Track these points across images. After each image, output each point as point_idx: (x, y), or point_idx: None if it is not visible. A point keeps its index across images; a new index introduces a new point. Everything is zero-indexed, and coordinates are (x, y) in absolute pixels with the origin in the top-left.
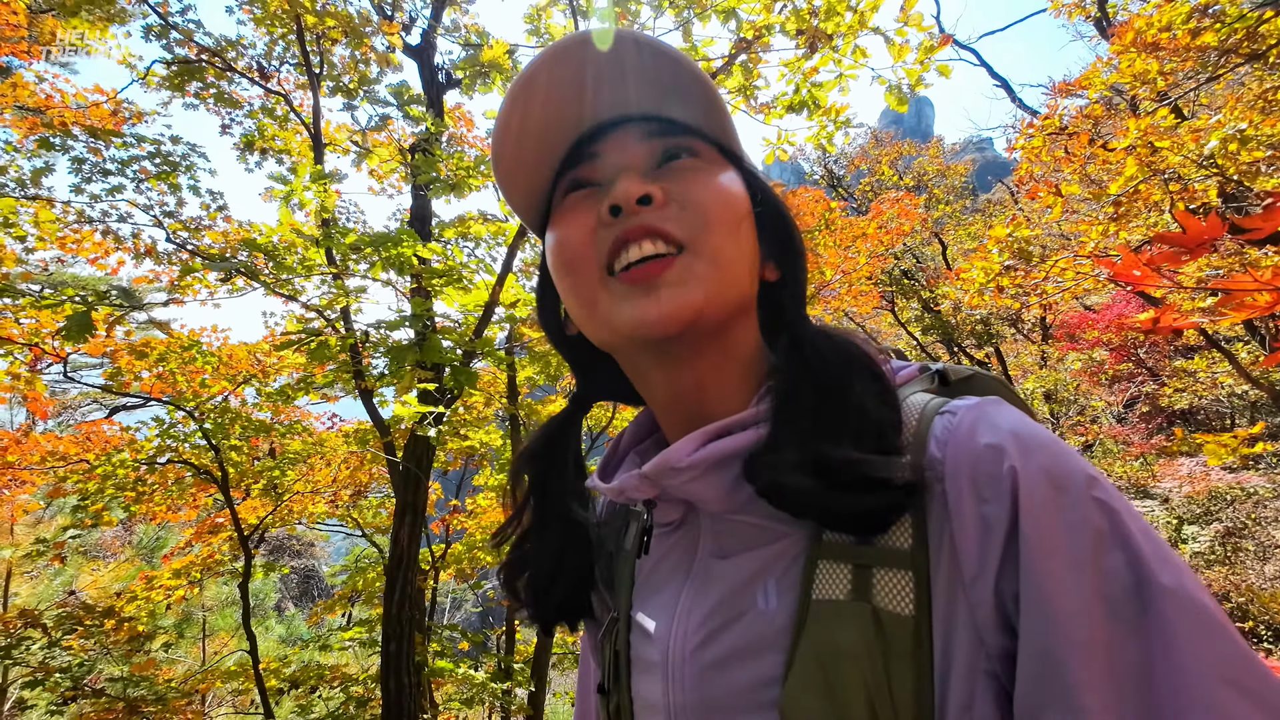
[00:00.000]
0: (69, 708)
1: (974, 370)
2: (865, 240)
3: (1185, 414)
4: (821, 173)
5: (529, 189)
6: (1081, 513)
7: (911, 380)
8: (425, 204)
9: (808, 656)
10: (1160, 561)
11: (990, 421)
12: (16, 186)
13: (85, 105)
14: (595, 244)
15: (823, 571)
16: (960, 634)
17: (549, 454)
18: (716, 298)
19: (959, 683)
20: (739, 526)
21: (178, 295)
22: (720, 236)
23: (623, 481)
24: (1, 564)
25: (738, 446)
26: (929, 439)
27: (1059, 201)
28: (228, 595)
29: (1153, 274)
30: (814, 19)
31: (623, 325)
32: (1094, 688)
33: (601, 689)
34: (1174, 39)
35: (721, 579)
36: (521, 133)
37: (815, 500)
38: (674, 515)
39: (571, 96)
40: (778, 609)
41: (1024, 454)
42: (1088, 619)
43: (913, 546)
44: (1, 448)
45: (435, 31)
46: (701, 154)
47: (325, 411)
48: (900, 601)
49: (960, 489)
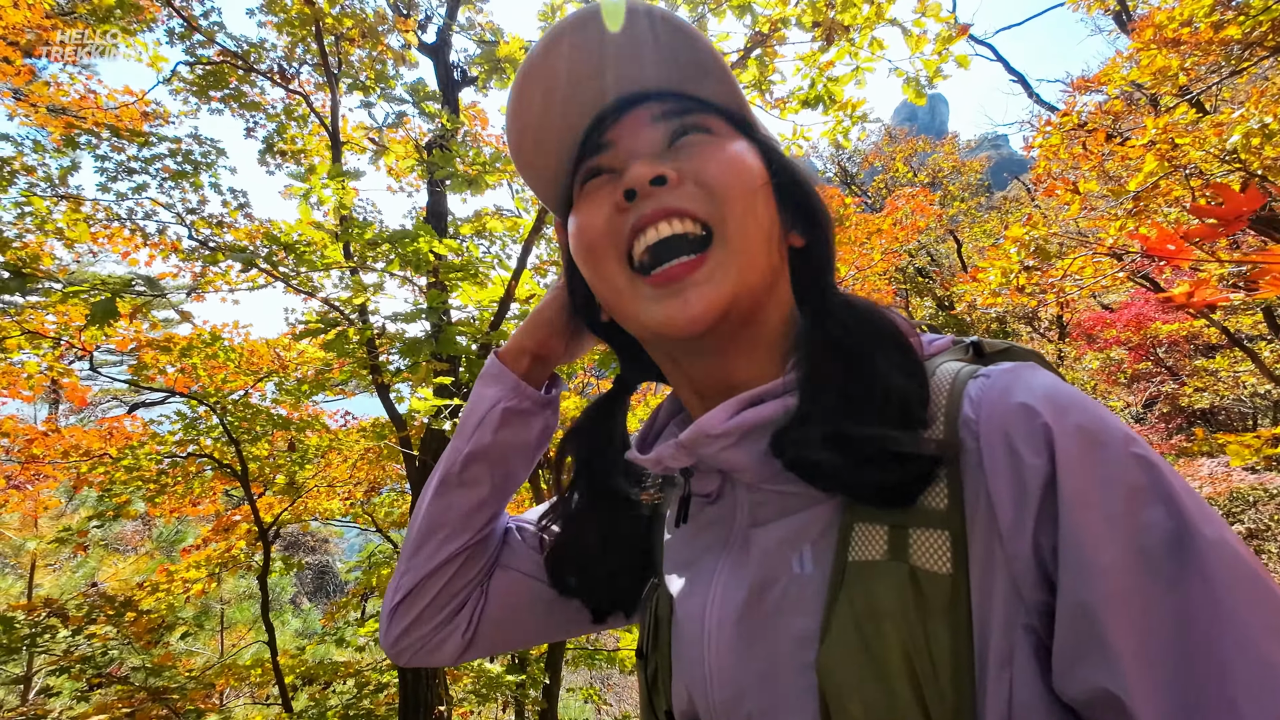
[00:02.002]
0: (93, 694)
1: (1010, 343)
2: (880, 237)
3: (1206, 414)
4: (835, 170)
5: (551, 174)
6: (1119, 468)
7: (944, 351)
8: (441, 200)
9: (845, 617)
10: (1202, 515)
11: (1025, 383)
12: (46, 185)
13: (116, 106)
14: (613, 231)
15: (859, 534)
16: (998, 590)
17: (594, 432)
18: (743, 288)
19: (998, 638)
20: (774, 495)
21: (200, 290)
22: (739, 211)
23: (659, 451)
24: (26, 555)
25: (769, 415)
26: (963, 401)
27: (1077, 199)
28: (245, 589)
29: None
30: (831, 11)
31: (650, 323)
32: (1129, 639)
33: (640, 653)
34: (1195, 33)
35: (758, 547)
36: (543, 114)
37: (840, 475)
38: (711, 486)
39: (588, 74)
40: (814, 572)
41: (1059, 412)
42: (1124, 571)
43: (948, 506)
44: (27, 441)
45: (451, 29)
46: (714, 129)
47: (339, 409)
48: (938, 560)
49: (994, 446)
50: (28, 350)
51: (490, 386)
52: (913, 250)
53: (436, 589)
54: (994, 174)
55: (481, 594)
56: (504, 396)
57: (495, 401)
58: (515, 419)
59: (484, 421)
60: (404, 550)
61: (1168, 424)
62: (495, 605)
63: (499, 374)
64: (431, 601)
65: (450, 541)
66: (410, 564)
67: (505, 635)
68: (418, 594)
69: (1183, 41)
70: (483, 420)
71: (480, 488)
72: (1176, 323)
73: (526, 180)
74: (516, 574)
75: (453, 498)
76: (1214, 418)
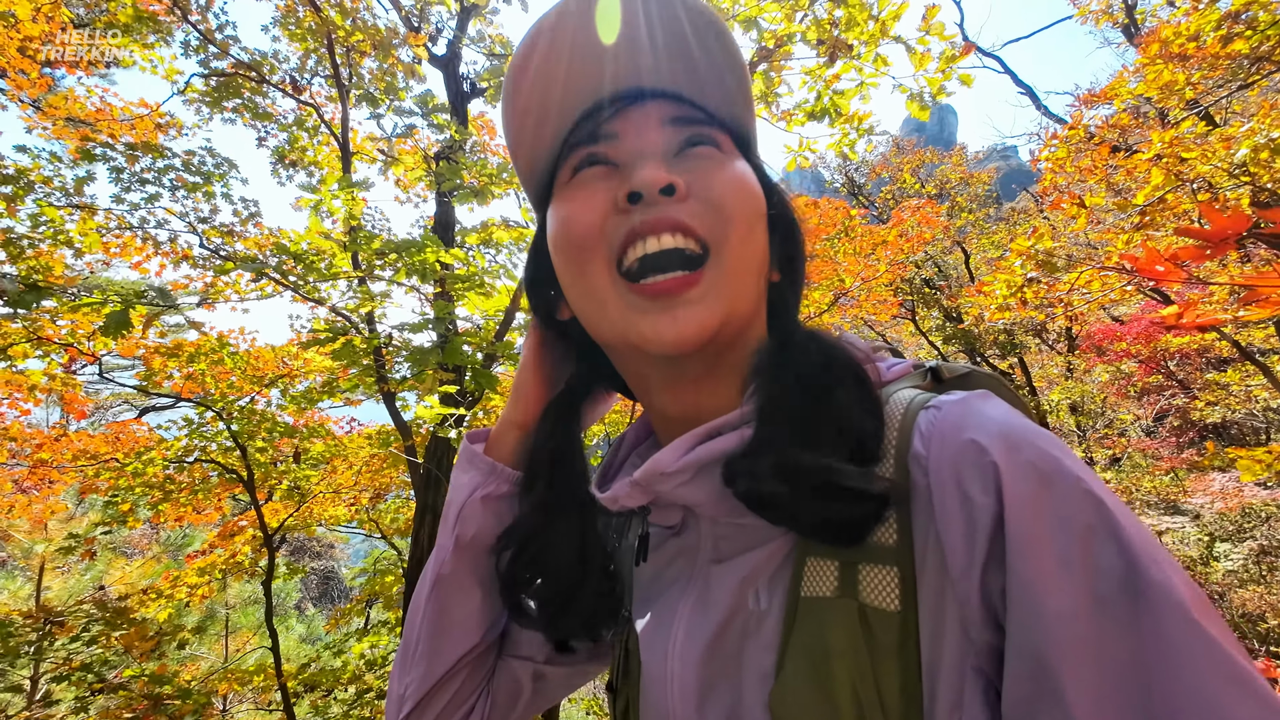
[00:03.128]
0: (95, 699)
1: (970, 368)
2: (885, 248)
3: (1218, 428)
4: (842, 181)
5: (534, 151)
6: (1071, 507)
7: (902, 377)
8: (449, 211)
9: (797, 654)
10: (1151, 558)
11: (975, 416)
12: (61, 195)
13: (131, 118)
14: (604, 230)
15: (811, 569)
16: (948, 630)
17: (555, 441)
18: (732, 314)
19: (947, 680)
20: (735, 529)
21: (210, 299)
22: (740, 235)
23: (615, 489)
24: (35, 559)
25: (725, 449)
26: (913, 434)
27: (1083, 212)
28: (250, 594)
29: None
30: (835, 29)
31: (635, 338)
32: (1084, 687)
33: (611, 687)
34: (1202, 48)
35: (719, 584)
36: (545, 93)
37: (789, 508)
38: (674, 519)
39: (596, 54)
40: (769, 608)
41: (1009, 448)
42: (1077, 616)
43: (898, 542)
44: (36, 445)
45: (460, 42)
46: (722, 145)
47: (344, 416)
48: (886, 597)
49: (944, 484)
50: (33, 358)
51: (465, 473)
52: (919, 262)
53: (444, 700)
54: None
55: (487, 694)
56: (480, 483)
57: (472, 489)
58: (498, 505)
59: (463, 513)
60: (403, 655)
61: (1179, 438)
62: (502, 699)
63: (471, 458)
64: (440, 714)
65: (455, 647)
66: (414, 672)
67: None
68: (426, 705)
69: (1189, 56)
70: (461, 512)
71: (474, 590)
72: (1187, 336)
73: (516, 164)
74: (517, 661)
75: (449, 601)
76: (1226, 432)
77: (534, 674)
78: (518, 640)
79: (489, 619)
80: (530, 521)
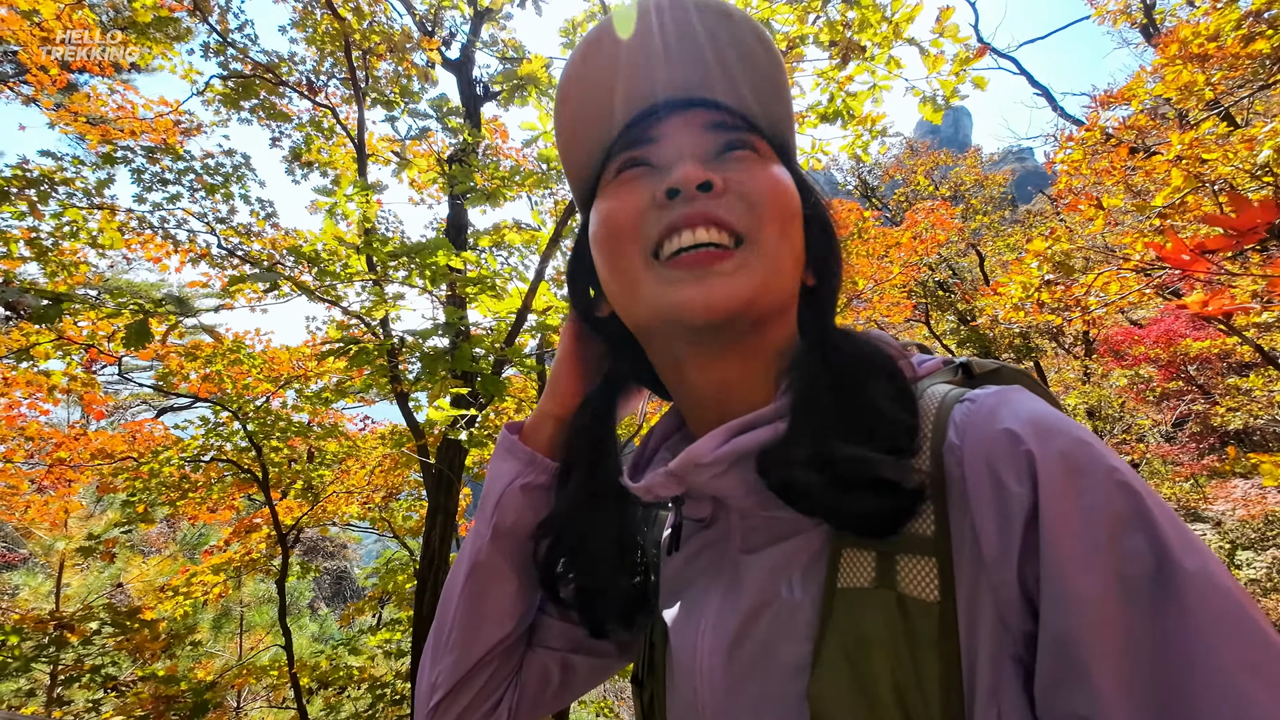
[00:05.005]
0: (107, 698)
1: (1000, 363)
2: (899, 250)
3: (1240, 434)
4: (855, 183)
5: (582, 156)
6: (1102, 495)
7: (934, 373)
8: (461, 213)
9: (834, 645)
10: (1183, 545)
11: (1009, 408)
12: (83, 196)
13: (152, 116)
14: (642, 224)
15: (847, 559)
16: (985, 619)
17: (594, 426)
18: (764, 293)
19: (985, 668)
20: (767, 521)
21: (228, 300)
22: (776, 229)
23: (650, 480)
24: (55, 556)
25: (759, 441)
26: (948, 426)
27: (1101, 214)
28: (264, 592)
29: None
30: (847, 31)
31: (665, 308)
32: (1108, 669)
33: (636, 679)
34: (1223, 48)
35: (750, 574)
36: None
37: (824, 500)
38: (704, 511)
39: (640, 64)
40: (803, 599)
41: (1042, 438)
42: (1104, 601)
43: (935, 533)
44: (56, 444)
45: (474, 46)
46: (760, 150)
47: (359, 414)
48: (925, 588)
49: (979, 475)
50: (54, 358)
51: (504, 461)
52: (933, 264)
53: (475, 689)
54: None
55: (517, 684)
56: (519, 472)
57: (511, 478)
58: (536, 494)
59: (502, 501)
60: (435, 643)
61: (1199, 444)
62: (531, 688)
63: (511, 447)
64: (471, 703)
65: (488, 636)
66: (445, 660)
67: (541, 710)
68: (457, 693)
69: (1209, 56)
70: (500, 500)
71: (510, 578)
72: (1208, 340)
73: (566, 169)
74: (546, 651)
75: (483, 588)
76: (1248, 438)
77: (562, 665)
78: (547, 632)
79: (522, 608)
80: (569, 508)
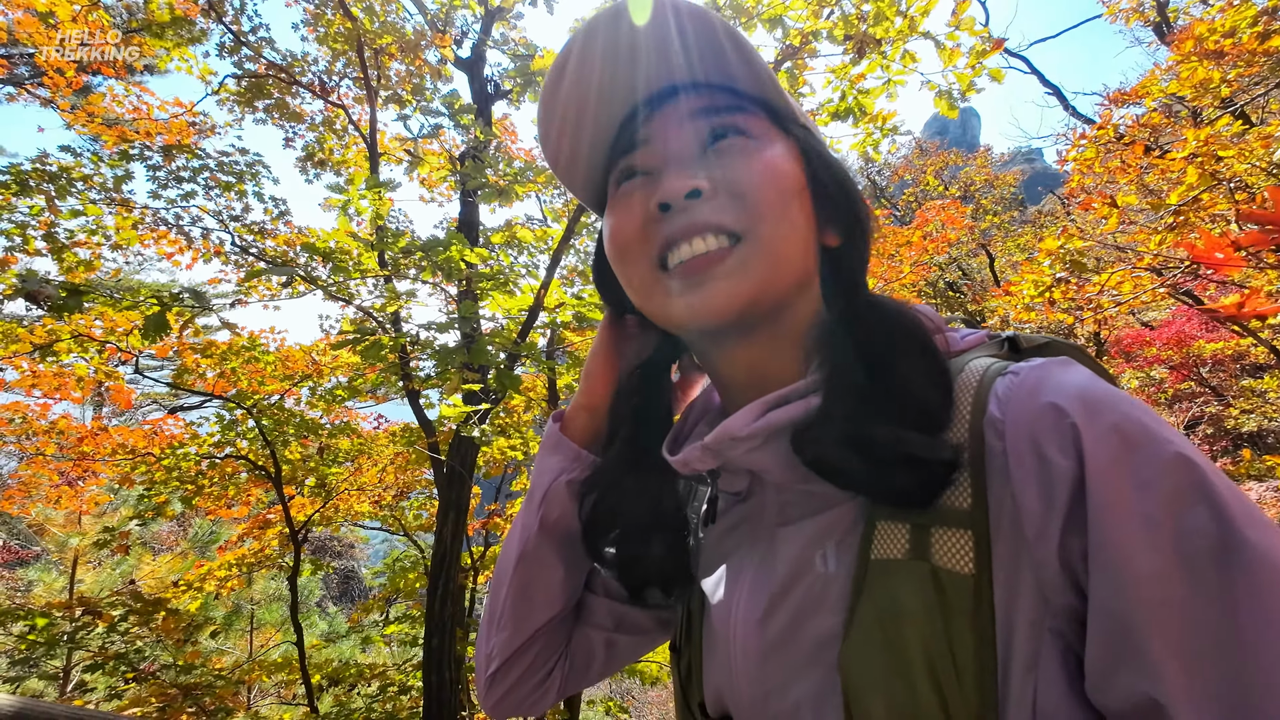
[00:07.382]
0: (128, 688)
1: (1049, 338)
2: (909, 249)
3: (1254, 437)
4: (864, 183)
5: (588, 172)
6: (1158, 468)
7: (976, 347)
8: (473, 211)
9: (868, 616)
10: (1249, 520)
11: (1055, 381)
12: (100, 192)
13: (167, 117)
14: (646, 238)
15: (881, 532)
16: (1024, 593)
17: (639, 398)
18: (768, 286)
19: (1022, 642)
20: (801, 494)
21: (242, 296)
22: (773, 222)
23: (686, 454)
24: (69, 551)
25: (792, 416)
26: (989, 399)
27: (1114, 212)
28: (275, 590)
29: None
30: (863, 24)
31: (674, 317)
32: (1172, 652)
33: (674, 647)
34: (1238, 45)
35: (785, 546)
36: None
37: (858, 476)
38: (740, 485)
39: (624, 70)
40: (837, 570)
41: (1090, 411)
42: (1164, 579)
43: (972, 505)
44: (78, 439)
45: (485, 44)
46: (750, 129)
47: (372, 412)
48: (959, 560)
49: (1020, 448)
50: (76, 354)
51: (551, 455)
52: (943, 264)
53: (528, 662)
54: (1028, 188)
55: (566, 657)
56: (565, 468)
57: (557, 474)
58: (580, 490)
59: (548, 496)
60: (489, 619)
61: (1212, 446)
62: (579, 662)
63: (558, 442)
64: (524, 673)
65: (537, 617)
66: (499, 636)
67: (587, 680)
68: (511, 664)
69: (1225, 53)
70: (546, 494)
71: (556, 566)
72: (1221, 341)
73: (564, 182)
74: (592, 629)
75: (532, 575)
76: (1262, 440)
77: (606, 642)
78: (593, 610)
79: (569, 592)
80: (612, 471)
